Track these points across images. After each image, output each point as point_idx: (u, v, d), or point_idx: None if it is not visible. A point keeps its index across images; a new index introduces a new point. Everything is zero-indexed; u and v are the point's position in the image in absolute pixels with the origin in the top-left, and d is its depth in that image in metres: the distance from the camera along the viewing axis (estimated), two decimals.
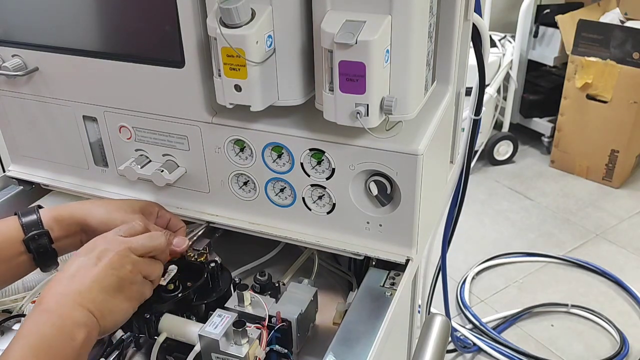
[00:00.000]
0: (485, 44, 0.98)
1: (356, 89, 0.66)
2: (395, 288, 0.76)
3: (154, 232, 0.74)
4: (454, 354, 1.94)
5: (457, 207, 1.18)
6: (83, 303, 0.62)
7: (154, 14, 0.76)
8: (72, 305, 0.61)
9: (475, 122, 1.09)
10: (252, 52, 0.68)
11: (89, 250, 0.67)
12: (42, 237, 0.73)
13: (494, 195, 2.77)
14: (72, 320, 0.60)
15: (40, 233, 0.73)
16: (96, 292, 0.63)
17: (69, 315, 0.60)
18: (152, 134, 0.86)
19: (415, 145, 0.73)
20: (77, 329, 0.60)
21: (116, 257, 0.66)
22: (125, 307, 0.67)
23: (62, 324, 0.59)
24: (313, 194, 0.81)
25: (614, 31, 2.54)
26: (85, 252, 0.67)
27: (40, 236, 0.73)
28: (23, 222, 0.74)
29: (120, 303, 0.66)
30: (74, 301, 0.62)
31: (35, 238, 0.73)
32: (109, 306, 0.64)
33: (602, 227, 2.52)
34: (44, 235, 0.73)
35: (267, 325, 0.71)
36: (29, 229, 0.73)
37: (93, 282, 0.64)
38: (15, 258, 0.73)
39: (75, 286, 0.63)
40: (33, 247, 0.73)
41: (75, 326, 0.60)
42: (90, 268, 0.65)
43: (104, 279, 0.64)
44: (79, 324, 0.60)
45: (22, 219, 0.74)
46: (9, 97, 0.93)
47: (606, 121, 2.66)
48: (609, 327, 1.99)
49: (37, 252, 0.73)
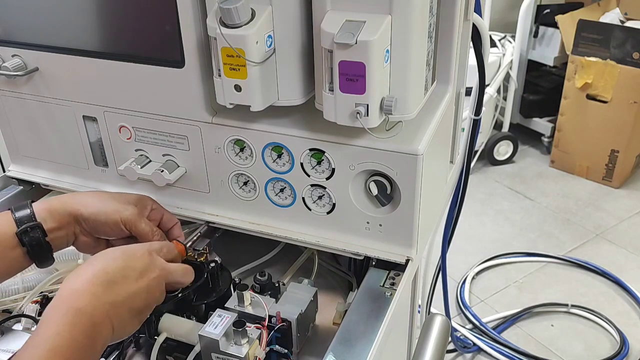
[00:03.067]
0: (485, 44, 0.98)
1: (356, 89, 0.66)
2: (395, 288, 0.76)
3: (189, 268, 0.74)
4: (454, 354, 1.94)
5: (457, 207, 1.18)
6: (111, 316, 0.61)
7: (154, 14, 0.76)
8: (105, 316, 0.61)
9: (475, 122, 1.09)
10: (252, 52, 0.68)
11: (134, 260, 0.67)
12: (35, 229, 0.72)
13: (494, 195, 2.77)
14: (101, 333, 0.60)
15: (33, 226, 0.72)
16: (126, 309, 0.63)
17: (100, 326, 0.60)
18: (152, 134, 0.86)
19: (415, 145, 0.73)
20: (100, 342, 0.60)
21: (155, 283, 0.67)
22: (134, 329, 0.66)
23: (92, 334, 0.59)
24: (313, 194, 0.81)
25: (614, 31, 2.54)
26: (129, 260, 0.67)
27: (33, 229, 0.72)
28: (16, 216, 0.73)
29: (135, 324, 0.66)
30: (107, 312, 0.61)
31: (27, 231, 0.72)
32: (126, 325, 0.64)
33: (602, 227, 2.52)
34: (37, 227, 0.72)
35: (267, 325, 0.71)
36: (21, 222, 0.73)
37: (127, 299, 0.63)
38: (8, 252, 0.72)
39: (112, 296, 0.62)
40: (26, 240, 0.72)
41: (100, 339, 0.60)
42: (131, 282, 0.65)
43: (137, 300, 0.65)
44: (104, 337, 0.60)
45: (15, 213, 0.73)
46: (9, 97, 0.93)
47: (606, 121, 2.66)
48: (609, 327, 1.99)
49: (31, 245, 0.72)
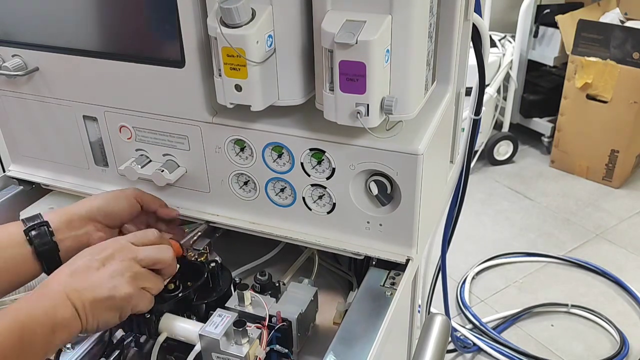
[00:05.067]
0: (485, 44, 0.98)
1: (356, 89, 0.66)
2: (396, 288, 0.76)
3: (163, 245, 0.74)
4: (454, 354, 1.94)
5: (457, 207, 1.18)
6: (75, 302, 0.63)
7: (154, 13, 0.76)
8: (64, 300, 0.63)
9: (475, 122, 1.09)
10: (253, 51, 0.68)
11: (99, 251, 0.69)
12: (42, 226, 0.74)
13: (494, 195, 2.77)
14: (61, 316, 0.62)
15: (40, 223, 0.74)
16: (90, 295, 0.64)
17: (60, 309, 0.62)
18: (152, 134, 0.86)
19: (416, 145, 0.73)
20: (60, 327, 0.62)
21: (120, 267, 0.68)
22: (110, 317, 0.67)
23: (52, 313, 0.61)
24: (313, 193, 0.81)
25: (614, 31, 2.54)
26: (95, 252, 0.69)
27: (40, 225, 0.74)
28: (25, 220, 0.75)
29: (108, 312, 0.67)
30: (67, 297, 0.63)
31: (34, 227, 0.74)
32: (96, 312, 0.65)
33: (602, 227, 2.52)
34: (44, 225, 0.74)
35: (267, 325, 0.71)
36: (29, 221, 0.75)
37: (90, 286, 0.65)
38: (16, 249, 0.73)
39: (74, 284, 0.64)
40: (33, 236, 0.73)
41: (60, 324, 0.62)
42: (92, 270, 0.66)
43: (99, 286, 0.66)
44: (64, 322, 0.62)
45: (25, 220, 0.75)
46: (9, 97, 0.93)
47: (606, 121, 2.66)
48: (609, 327, 1.99)
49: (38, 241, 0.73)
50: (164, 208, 0.86)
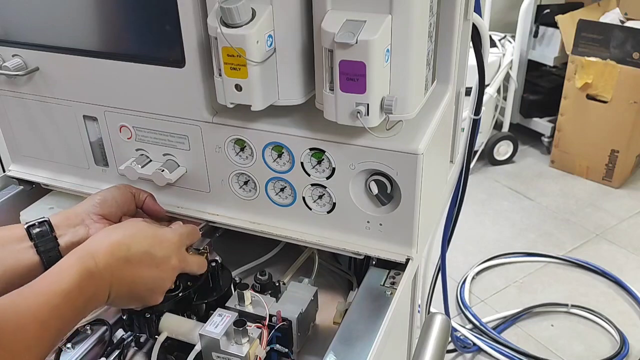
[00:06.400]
0: (485, 44, 0.98)
1: (356, 89, 0.66)
2: (396, 287, 0.76)
3: (203, 260, 0.78)
4: (454, 354, 1.94)
5: (457, 207, 1.18)
6: (112, 288, 0.66)
7: (155, 13, 0.76)
8: (106, 286, 0.65)
9: (475, 122, 1.09)
10: (253, 51, 0.68)
11: (163, 246, 0.71)
12: (43, 224, 0.74)
13: (494, 195, 2.77)
14: (97, 299, 0.65)
15: (42, 221, 0.75)
16: (127, 289, 0.68)
17: (98, 294, 0.65)
18: (152, 134, 0.86)
19: (415, 145, 0.73)
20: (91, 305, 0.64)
21: (168, 274, 0.71)
22: (127, 306, 0.71)
23: (89, 295, 0.63)
24: (313, 193, 0.81)
25: (614, 31, 2.54)
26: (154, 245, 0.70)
27: (41, 223, 0.74)
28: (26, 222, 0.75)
29: (131, 304, 0.71)
30: (110, 284, 0.65)
31: (35, 224, 0.74)
32: (121, 301, 0.69)
33: (602, 227, 2.52)
34: (45, 222, 0.74)
35: (267, 325, 0.71)
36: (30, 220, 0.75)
37: (132, 282, 0.68)
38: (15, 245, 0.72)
39: (121, 273, 0.66)
40: (34, 233, 0.73)
41: (93, 302, 0.64)
42: (144, 267, 0.69)
43: (140, 285, 0.69)
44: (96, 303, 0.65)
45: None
46: (9, 97, 0.93)
47: (606, 121, 2.66)
48: (609, 327, 1.99)
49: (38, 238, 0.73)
50: (153, 202, 0.85)
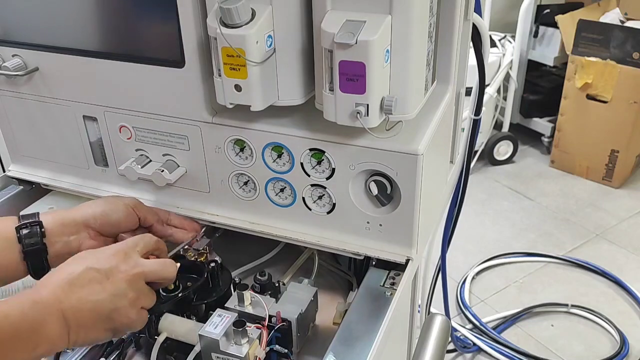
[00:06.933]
0: (485, 44, 0.98)
1: (356, 89, 0.66)
2: (395, 288, 0.76)
3: (167, 261, 0.71)
4: (454, 354, 1.94)
5: (457, 207, 1.18)
6: (69, 321, 0.60)
7: (154, 13, 0.76)
8: (58, 317, 0.59)
9: (475, 122, 1.09)
10: (252, 52, 0.68)
11: (103, 260, 0.65)
12: (35, 226, 0.72)
13: (494, 195, 2.77)
14: (48, 334, 0.58)
15: (34, 222, 0.72)
16: (87, 313, 0.61)
17: (49, 325, 0.58)
18: (152, 134, 0.86)
19: (415, 145, 0.73)
20: (43, 344, 0.58)
21: (124, 285, 0.64)
22: (102, 337, 0.64)
23: (37, 328, 0.57)
24: (313, 193, 0.81)
25: (614, 31, 2.54)
26: (97, 260, 0.64)
27: (32, 225, 0.72)
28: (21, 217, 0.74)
29: (102, 332, 0.63)
30: (62, 314, 0.59)
31: (27, 226, 0.72)
32: (88, 331, 0.62)
33: (602, 227, 2.52)
34: (37, 225, 0.72)
35: (267, 325, 0.71)
36: (24, 218, 0.73)
37: (89, 302, 0.61)
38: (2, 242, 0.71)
39: (72, 299, 0.60)
40: (24, 234, 0.71)
41: (45, 341, 0.58)
42: (94, 285, 0.62)
43: (101, 304, 0.62)
44: (49, 340, 0.58)
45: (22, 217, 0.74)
46: (9, 97, 0.93)
47: (606, 121, 2.66)
48: (609, 327, 1.99)
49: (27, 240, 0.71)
50: (160, 225, 0.83)
